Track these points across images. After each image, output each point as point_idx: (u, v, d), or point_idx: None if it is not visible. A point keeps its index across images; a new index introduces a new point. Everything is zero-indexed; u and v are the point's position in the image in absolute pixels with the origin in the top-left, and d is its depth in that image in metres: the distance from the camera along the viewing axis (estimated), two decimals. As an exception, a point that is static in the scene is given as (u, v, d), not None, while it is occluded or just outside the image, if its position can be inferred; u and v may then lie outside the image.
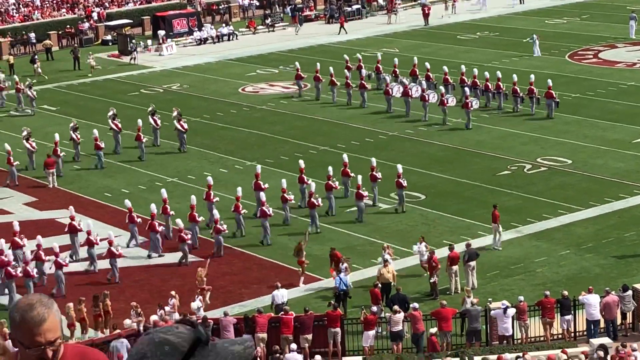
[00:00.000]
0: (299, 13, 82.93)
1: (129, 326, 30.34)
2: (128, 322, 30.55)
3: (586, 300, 30.33)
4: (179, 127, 49.97)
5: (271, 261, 37.17)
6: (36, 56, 70.26)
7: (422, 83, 54.46)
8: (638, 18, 70.71)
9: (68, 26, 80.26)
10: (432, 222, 39.74)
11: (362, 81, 56.41)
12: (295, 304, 32.36)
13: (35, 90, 59.90)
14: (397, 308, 30.21)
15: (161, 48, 74.24)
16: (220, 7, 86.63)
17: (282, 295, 32.28)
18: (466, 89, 53.03)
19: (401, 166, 41.03)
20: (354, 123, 53.12)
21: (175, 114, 50.35)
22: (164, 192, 40.05)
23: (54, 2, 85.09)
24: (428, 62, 58.15)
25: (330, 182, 40.39)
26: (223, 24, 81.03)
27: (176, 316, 30.83)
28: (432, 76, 56.50)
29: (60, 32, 79.16)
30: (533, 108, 52.27)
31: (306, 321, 30.44)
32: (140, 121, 49.52)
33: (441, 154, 47.54)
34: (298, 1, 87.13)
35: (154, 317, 30.36)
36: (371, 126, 52.28)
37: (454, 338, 30.54)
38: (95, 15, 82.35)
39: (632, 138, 48.42)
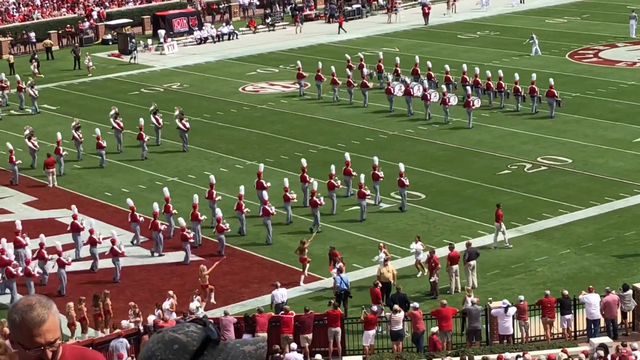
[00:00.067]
0: (299, 12, 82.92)
1: (127, 327, 30.37)
2: (125, 323, 30.55)
3: (586, 299, 30.31)
4: (181, 126, 49.94)
5: (272, 260, 37.17)
6: (36, 55, 70.23)
7: (424, 82, 54.46)
8: (638, 17, 70.69)
9: (68, 25, 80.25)
10: (433, 222, 39.72)
11: (364, 80, 56.42)
12: (295, 304, 32.36)
13: (36, 89, 59.89)
14: (398, 307, 30.19)
15: (163, 47, 74.27)
16: (220, 7, 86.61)
17: (282, 294, 32.27)
18: (468, 88, 53.04)
19: (403, 165, 41.02)
20: (355, 122, 53.11)
21: (177, 113, 50.32)
22: (166, 191, 40.00)
23: (54, 2, 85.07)
24: (429, 62, 58.11)
25: (332, 181, 40.39)
26: (223, 24, 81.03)
27: (174, 316, 30.83)
28: (434, 75, 56.51)
29: (60, 32, 79.17)
30: (534, 107, 52.28)
31: (306, 320, 30.44)
32: (142, 120, 49.52)
33: (441, 153, 47.53)
34: (298, 0, 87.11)
35: (152, 317, 30.35)
36: (371, 125, 52.27)
37: (455, 337, 30.54)
38: (95, 14, 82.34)
39: (633, 137, 48.40)
